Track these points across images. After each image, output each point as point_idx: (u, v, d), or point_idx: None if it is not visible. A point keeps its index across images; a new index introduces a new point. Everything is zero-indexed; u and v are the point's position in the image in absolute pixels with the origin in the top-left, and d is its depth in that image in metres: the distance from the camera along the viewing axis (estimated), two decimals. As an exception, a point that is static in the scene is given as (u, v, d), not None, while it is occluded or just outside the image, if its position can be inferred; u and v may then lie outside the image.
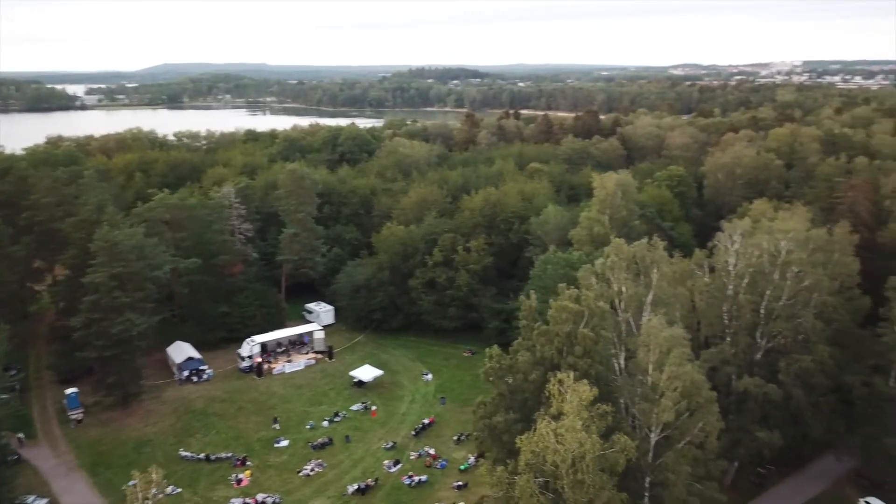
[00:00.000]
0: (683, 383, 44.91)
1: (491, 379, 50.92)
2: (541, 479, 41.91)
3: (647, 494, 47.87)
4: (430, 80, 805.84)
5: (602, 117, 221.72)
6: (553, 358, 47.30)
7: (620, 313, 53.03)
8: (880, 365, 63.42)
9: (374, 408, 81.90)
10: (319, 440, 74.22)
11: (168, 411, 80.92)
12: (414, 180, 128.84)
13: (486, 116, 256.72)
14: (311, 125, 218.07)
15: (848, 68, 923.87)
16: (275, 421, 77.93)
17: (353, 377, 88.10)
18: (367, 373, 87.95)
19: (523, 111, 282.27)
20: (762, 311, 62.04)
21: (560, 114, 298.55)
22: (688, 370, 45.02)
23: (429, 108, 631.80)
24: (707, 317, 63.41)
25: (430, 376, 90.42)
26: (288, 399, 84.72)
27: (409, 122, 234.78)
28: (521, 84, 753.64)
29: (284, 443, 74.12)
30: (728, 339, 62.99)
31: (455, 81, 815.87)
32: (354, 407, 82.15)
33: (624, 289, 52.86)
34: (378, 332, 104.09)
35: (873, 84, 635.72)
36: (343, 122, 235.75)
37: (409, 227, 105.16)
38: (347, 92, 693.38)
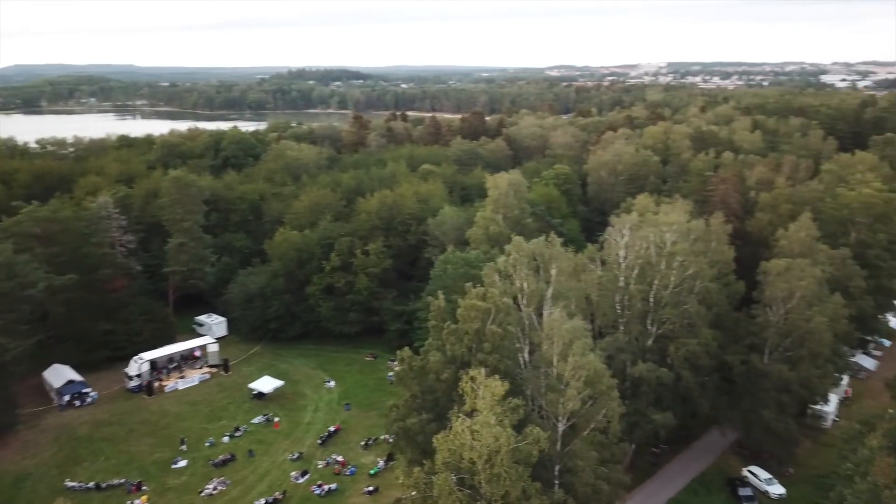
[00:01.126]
0: (587, 372, 46.83)
1: (403, 381, 50.88)
2: (458, 477, 42.42)
3: (557, 482, 49.53)
4: (311, 82, 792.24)
5: (487, 118, 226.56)
6: (463, 356, 47.98)
7: (523, 308, 54.65)
8: (755, 344, 68.95)
9: (276, 419, 79.77)
10: (221, 457, 71.46)
11: (48, 440, 75.07)
12: (305, 184, 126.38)
13: (372, 118, 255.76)
14: (189, 129, 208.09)
15: (707, 69, 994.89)
16: (182, 442, 74.18)
17: (252, 389, 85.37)
18: (266, 384, 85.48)
19: (409, 113, 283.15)
20: (651, 299, 65.77)
21: (446, 115, 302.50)
22: (590, 360, 47.02)
23: (312, 111, 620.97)
24: (601, 308, 66.43)
25: (332, 383, 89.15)
26: (183, 417, 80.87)
27: (294, 125, 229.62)
28: (404, 85, 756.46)
29: (183, 463, 70.76)
30: (621, 327, 66.35)
31: (337, 83, 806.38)
32: (256, 420, 79.67)
33: (525, 285, 54.50)
34: (275, 342, 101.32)
35: (729, 84, 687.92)
36: (223, 125, 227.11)
37: (303, 233, 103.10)
38: (225, 94, 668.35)
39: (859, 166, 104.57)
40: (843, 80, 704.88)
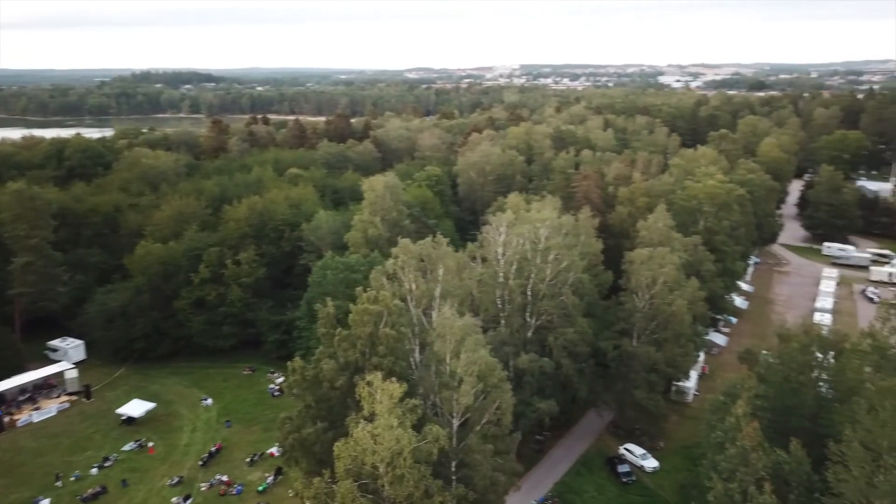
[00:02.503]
0: (479, 367, 48.01)
1: (295, 391, 49.59)
2: (359, 483, 42.01)
3: (454, 478, 50.33)
4: (158, 85, 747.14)
5: (353, 121, 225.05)
6: (357, 361, 47.56)
7: (413, 309, 55.00)
8: (625, 329, 73.56)
9: (150, 444, 74.97)
10: (90, 491, 66.20)
11: None
12: (165, 193, 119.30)
13: (230, 122, 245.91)
14: (24, 137, 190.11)
15: (557, 71, 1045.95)
16: (57, 478, 67.91)
17: (120, 415, 79.69)
18: (136, 408, 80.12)
19: (270, 116, 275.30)
20: (529, 293, 68.45)
21: (310, 118, 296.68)
22: (482, 355, 48.22)
23: (161, 115, 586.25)
24: (484, 303, 68.26)
25: (209, 401, 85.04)
26: (42, 452, 74.00)
27: (145, 131, 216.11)
28: (259, 88, 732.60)
29: (46, 502, 64.74)
30: (503, 321, 68.53)
31: (187, 86, 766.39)
32: (127, 447, 74.46)
33: (414, 286, 54.88)
34: (143, 362, 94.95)
35: (578, 85, 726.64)
36: (63, 132, 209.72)
37: (167, 244, 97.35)
38: (60, 99, 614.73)
39: (702, 160, 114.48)
40: (678, 80, 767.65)
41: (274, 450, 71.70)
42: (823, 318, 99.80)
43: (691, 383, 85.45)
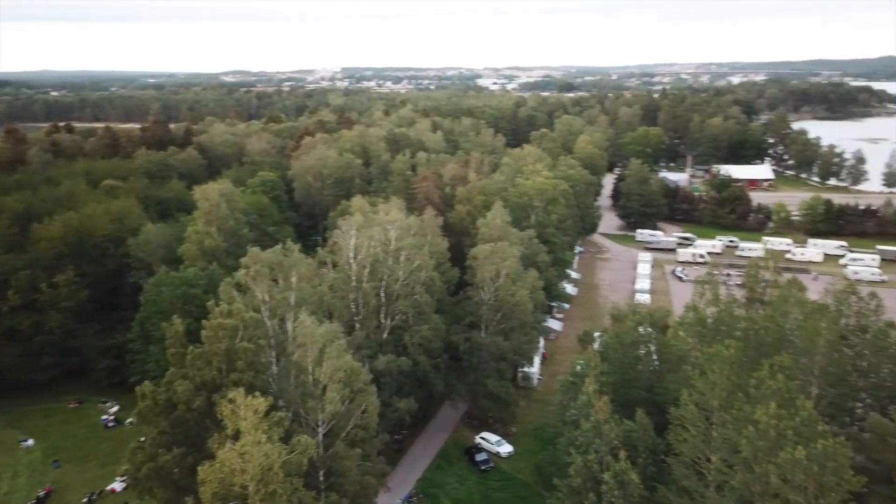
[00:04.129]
0: (344, 373, 47.68)
1: (147, 418, 46.10)
2: (228, 505, 40.17)
3: (323, 487, 49.56)
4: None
5: (172, 126, 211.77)
6: (215, 379, 45.26)
7: (267, 319, 53.29)
8: (474, 322, 76.28)
9: (-39, 500, 65.99)
10: None
11: None
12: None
13: (26, 131, 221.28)
14: None
15: (379, 74, 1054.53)
16: None
17: (-81, 470, 69.26)
18: (-61, 459, 70.11)
19: (74, 124, 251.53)
20: (383, 294, 68.87)
21: (120, 125, 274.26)
22: (347, 360, 47.95)
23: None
24: (338, 308, 67.56)
25: (30, 441, 76.42)
26: None
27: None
28: (55, 93, 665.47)
29: None
30: (357, 325, 68.36)
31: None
32: (-68, 507, 65.01)
33: (267, 296, 53.19)
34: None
35: (401, 88, 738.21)
36: None
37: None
38: None
39: (528, 158, 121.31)
40: (495, 82, 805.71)
41: (116, 485, 66.14)
42: (644, 298, 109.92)
43: (535, 369, 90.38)
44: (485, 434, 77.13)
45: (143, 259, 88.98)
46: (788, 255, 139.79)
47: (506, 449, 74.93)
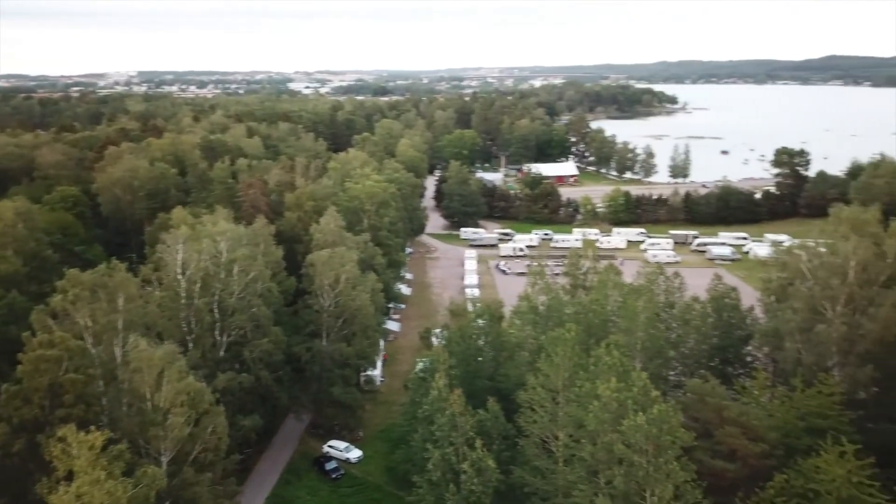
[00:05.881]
0: (188, 395, 44.98)
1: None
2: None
3: (172, 519, 46.43)
4: None
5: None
6: (37, 417, 40.59)
7: (92, 347, 48.72)
8: (315, 330, 75.05)
9: None
10: None
11: None
12: None
13: None
14: None
15: (181, 78, 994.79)
16: None
17: None
18: None
19: None
20: (216, 309, 65.54)
21: None
22: (189, 382, 45.28)
23: None
24: (167, 328, 63.22)
25: None
26: None
27: None
28: None
29: None
30: (191, 344, 64.49)
31: None
32: None
33: (90, 321, 48.63)
34: None
35: (207, 93, 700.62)
36: None
37: None
38: None
39: (354, 162, 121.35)
40: (307, 86, 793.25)
41: None
42: (473, 293, 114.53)
43: (377, 371, 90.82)
44: (333, 442, 76.24)
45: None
46: (597, 244, 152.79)
47: (355, 454, 74.60)
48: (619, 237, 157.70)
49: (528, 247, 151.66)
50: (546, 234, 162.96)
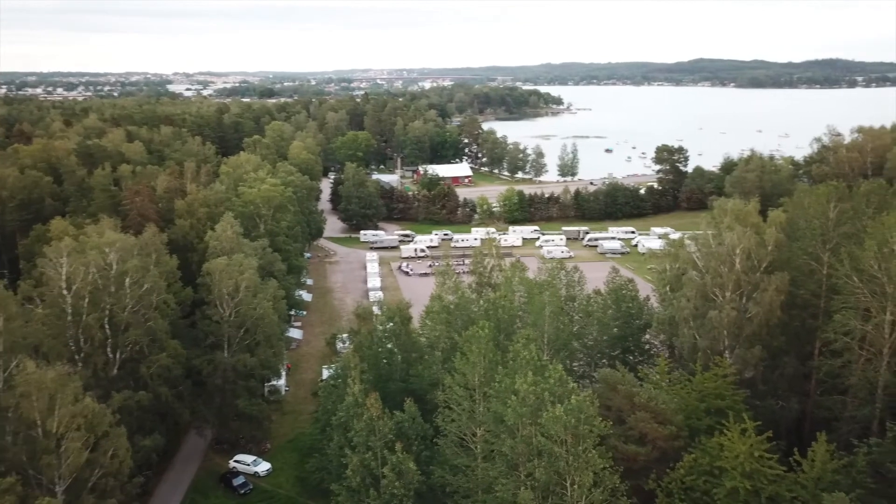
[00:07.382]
0: (84, 418, 41.96)
1: None
2: None
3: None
4: None
5: None
6: None
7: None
8: (216, 342, 71.90)
9: None
10: None
11: None
12: None
13: None
14: None
15: (46, 80, 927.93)
16: None
17: None
18: None
19: None
20: (107, 325, 61.49)
21: None
22: (87, 403, 42.27)
23: None
24: (54, 347, 58.68)
25: None
26: None
27: None
28: None
29: None
30: (81, 363, 60.17)
31: None
32: None
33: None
34: None
35: (77, 95, 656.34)
36: None
37: None
38: None
39: (247, 166, 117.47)
40: (188, 89, 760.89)
41: None
42: (377, 295, 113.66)
43: (282, 381, 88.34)
44: (239, 456, 73.40)
45: None
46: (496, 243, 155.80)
47: (263, 467, 72.21)
48: (515, 235, 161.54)
49: (428, 247, 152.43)
50: (446, 235, 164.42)
